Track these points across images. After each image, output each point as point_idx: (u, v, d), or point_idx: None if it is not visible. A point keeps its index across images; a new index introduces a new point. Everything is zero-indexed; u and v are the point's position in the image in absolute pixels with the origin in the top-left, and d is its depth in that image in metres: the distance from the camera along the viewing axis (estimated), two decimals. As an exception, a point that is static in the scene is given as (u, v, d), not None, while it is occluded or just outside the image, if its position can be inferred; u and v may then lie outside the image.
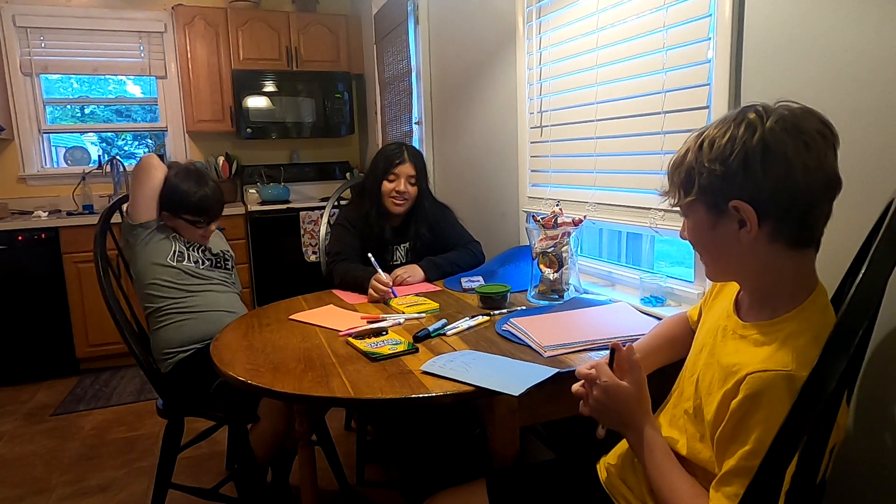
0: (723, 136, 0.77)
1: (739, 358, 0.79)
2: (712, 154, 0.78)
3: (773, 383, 0.72)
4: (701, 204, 0.81)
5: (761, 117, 0.75)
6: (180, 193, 1.83)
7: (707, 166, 0.78)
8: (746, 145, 0.75)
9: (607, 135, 1.68)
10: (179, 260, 1.83)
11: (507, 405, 1.12)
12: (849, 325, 0.64)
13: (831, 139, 0.76)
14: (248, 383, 1.17)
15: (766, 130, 0.74)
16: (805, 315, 0.79)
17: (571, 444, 1.77)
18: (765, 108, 0.77)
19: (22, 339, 3.28)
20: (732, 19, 1.22)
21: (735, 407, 0.75)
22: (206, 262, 1.90)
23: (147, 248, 1.82)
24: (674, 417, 0.97)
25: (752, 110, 0.77)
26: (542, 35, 1.95)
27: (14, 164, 3.73)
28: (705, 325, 0.98)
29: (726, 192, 0.77)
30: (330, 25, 4.03)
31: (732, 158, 0.76)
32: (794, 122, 0.75)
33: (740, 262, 0.82)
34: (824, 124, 0.76)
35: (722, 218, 0.80)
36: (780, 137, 0.74)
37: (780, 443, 0.67)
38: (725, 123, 0.78)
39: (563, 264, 1.64)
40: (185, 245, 1.87)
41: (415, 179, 2.07)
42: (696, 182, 0.80)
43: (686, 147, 0.83)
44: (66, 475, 2.29)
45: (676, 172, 0.84)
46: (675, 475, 0.86)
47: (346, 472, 2.06)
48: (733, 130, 0.76)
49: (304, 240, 3.78)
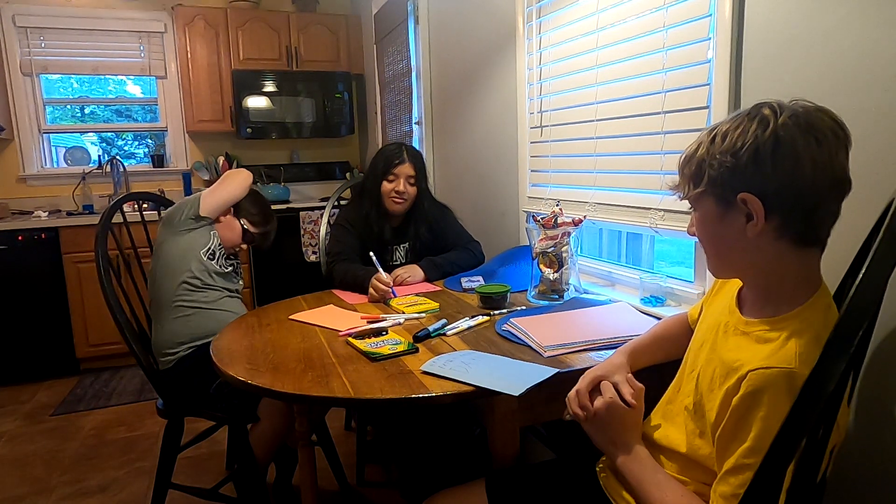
0: (735, 130, 0.78)
1: (741, 354, 0.80)
2: (724, 146, 0.78)
3: (775, 381, 0.72)
4: (710, 196, 0.82)
5: (775, 113, 0.76)
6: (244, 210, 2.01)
7: (718, 158, 0.79)
8: (758, 139, 0.75)
9: (607, 135, 1.68)
10: (210, 258, 1.90)
11: (507, 405, 1.12)
12: (849, 325, 0.64)
13: (843, 138, 0.76)
14: (248, 383, 1.17)
15: (779, 125, 0.75)
16: (808, 314, 0.79)
17: (572, 445, 1.77)
18: (779, 104, 0.77)
19: (22, 339, 3.28)
20: (732, 19, 1.22)
21: (736, 404, 0.75)
22: (228, 268, 1.98)
23: (190, 235, 1.88)
24: (670, 413, 0.98)
25: (766, 106, 0.78)
26: (542, 35, 1.95)
27: (14, 164, 3.73)
28: (706, 321, 0.98)
29: (735, 185, 0.78)
30: (330, 25, 4.03)
31: (743, 151, 0.76)
32: (806, 119, 0.75)
33: (745, 258, 0.83)
34: (837, 123, 0.76)
35: (730, 210, 0.80)
36: (791, 133, 0.74)
37: (781, 442, 0.67)
38: (739, 118, 0.79)
39: (563, 264, 1.64)
40: (219, 246, 1.94)
41: (414, 179, 2.07)
42: (707, 174, 0.81)
43: (698, 141, 0.84)
44: (66, 475, 2.29)
45: (687, 165, 0.85)
46: (669, 484, 0.87)
47: (346, 472, 2.06)
48: (746, 124, 0.77)
49: (304, 240, 3.78)
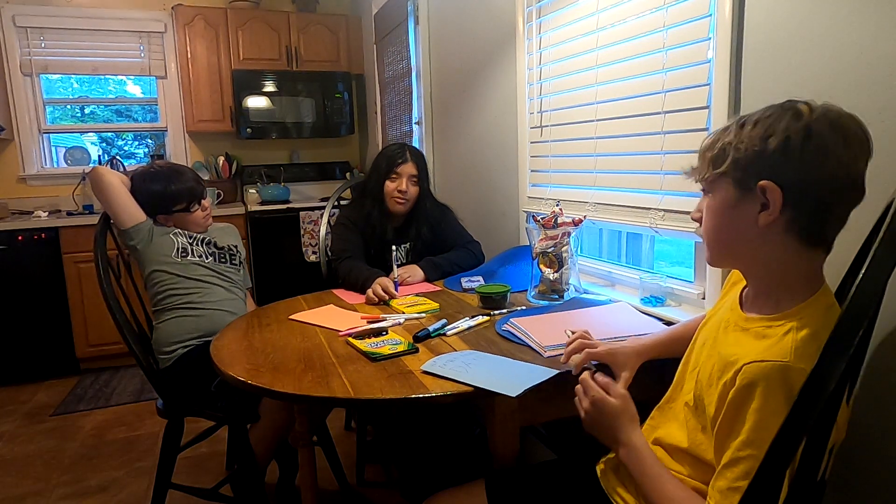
0: (767, 119, 0.79)
1: (739, 349, 0.80)
2: (754, 132, 0.79)
3: (769, 374, 0.73)
4: (728, 179, 0.82)
5: (810, 108, 0.77)
6: (157, 195, 1.88)
7: (745, 142, 0.79)
8: (790, 128, 0.76)
9: (607, 135, 1.68)
10: (184, 255, 1.86)
11: (508, 405, 1.12)
12: (849, 325, 0.64)
13: (867, 149, 0.78)
14: (248, 383, 1.17)
15: (813, 119, 0.76)
16: (808, 311, 0.79)
17: (572, 445, 1.77)
18: (813, 102, 0.79)
19: (22, 339, 3.28)
20: (732, 19, 1.22)
21: (731, 397, 0.76)
22: (209, 256, 1.92)
23: (150, 246, 1.84)
24: (671, 411, 0.98)
25: (801, 102, 0.79)
26: (542, 35, 1.95)
27: (14, 164, 3.73)
28: (710, 321, 0.99)
29: (759, 170, 0.78)
30: (330, 25, 4.03)
31: (773, 138, 0.77)
32: (838, 119, 0.76)
33: (749, 248, 0.83)
34: (864, 132, 0.78)
35: (746, 197, 0.80)
36: (823, 128, 0.75)
37: (781, 441, 0.67)
38: (771, 109, 0.80)
39: (563, 264, 1.64)
40: (188, 240, 1.89)
41: (417, 179, 2.08)
42: (731, 156, 0.81)
43: (726, 127, 0.84)
44: (66, 475, 2.29)
45: (710, 149, 0.85)
46: (669, 482, 0.88)
47: (346, 472, 2.06)
48: (779, 114, 0.78)
49: (304, 240, 3.78)
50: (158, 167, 1.96)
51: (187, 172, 1.95)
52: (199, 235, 1.95)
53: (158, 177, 1.90)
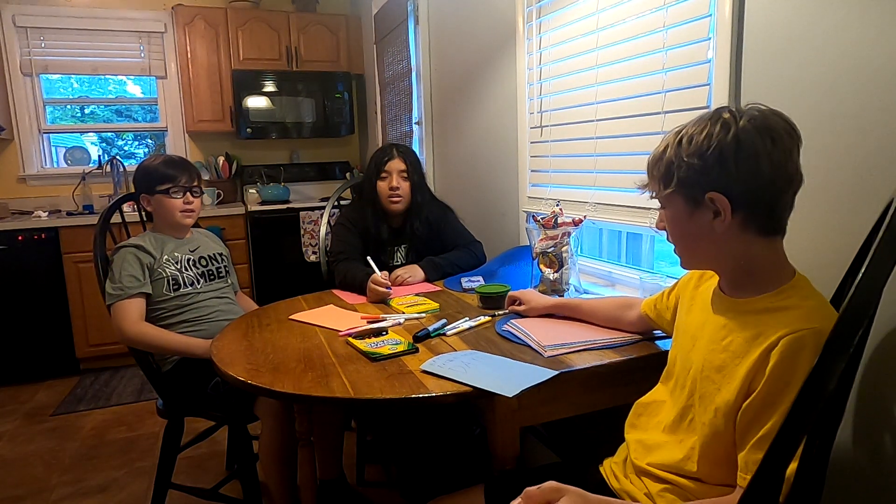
0: (700, 133, 0.83)
1: (760, 327, 0.82)
2: (691, 149, 0.84)
3: (808, 340, 0.76)
4: (679, 195, 0.87)
5: (734, 117, 0.82)
6: (147, 169, 1.87)
7: (686, 160, 0.84)
8: (722, 141, 0.81)
9: (607, 135, 1.68)
10: (176, 289, 1.81)
11: (507, 405, 1.12)
12: (849, 325, 0.64)
13: (796, 138, 0.83)
14: (248, 383, 1.17)
15: (740, 128, 0.81)
16: (796, 290, 0.84)
17: (572, 446, 1.77)
18: (737, 109, 0.84)
19: (22, 339, 3.28)
20: (732, 19, 1.22)
21: (773, 369, 0.78)
22: (200, 279, 1.87)
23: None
24: (671, 421, 0.97)
25: (725, 111, 0.84)
26: (542, 35, 1.95)
27: (14, 164, 3.72)
28: (686, 332, 0.99)
29: (703, 185, 0.84)
30: (330, 25, 4.03)
31: (709, 153, 0.82)
32: (763, 121, 0.81)
33: (715, 249, 0.88)
34: (789, 124, 0.83)
35: (698, 208, 0.86)
36: (751, 135, 0.81)
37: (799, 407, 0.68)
38: (702, 122, 0.85)
39: (563, 264, 1.64)
40: (175, 266, 1.83)
41: (406, 173, 2.08)
42: (675, 175, 0.86)
43: (665, 143, 0.89)
44: (66, 475, 2.29)
45: (656, 167, 0.90)
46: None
47: (346, 472, 2.06)
48: (710, 128, 0.83)
49: (304, 240, 3.78)
50: (167, 154, 1.97)
51: (186, 164, 1.92)
52: (186, 248, 1.89)
53: (158, 157, 1.92)
